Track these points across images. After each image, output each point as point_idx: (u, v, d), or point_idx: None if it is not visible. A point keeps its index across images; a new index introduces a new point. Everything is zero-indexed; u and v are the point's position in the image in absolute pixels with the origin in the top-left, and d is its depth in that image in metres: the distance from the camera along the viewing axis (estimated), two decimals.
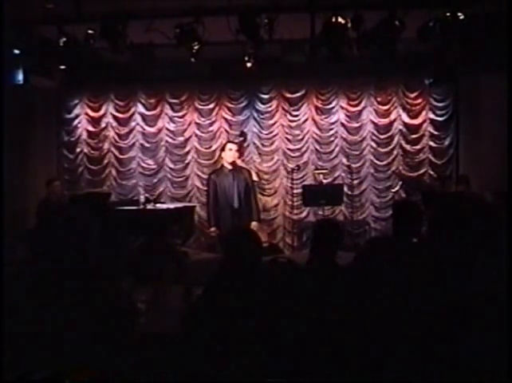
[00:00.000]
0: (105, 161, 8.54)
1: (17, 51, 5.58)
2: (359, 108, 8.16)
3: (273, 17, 4.90)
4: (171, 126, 8.42)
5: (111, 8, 5.14)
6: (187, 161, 8.42)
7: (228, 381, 2.42)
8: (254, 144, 8.30)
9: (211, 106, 8.34)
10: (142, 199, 6.51)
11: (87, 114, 8.57)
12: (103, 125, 8.54)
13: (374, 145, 8.14)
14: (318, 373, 2.44)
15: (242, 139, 7.52)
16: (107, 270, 2.51)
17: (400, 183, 7.56)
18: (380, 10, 4.95)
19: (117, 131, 8.52)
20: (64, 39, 5.32)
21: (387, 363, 2.28)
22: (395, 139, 8.11)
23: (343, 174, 8.12)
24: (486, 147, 7.05)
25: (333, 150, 8.19)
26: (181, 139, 8.40)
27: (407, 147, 8.09)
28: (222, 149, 6.62)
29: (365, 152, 8.15)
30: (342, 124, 8.18)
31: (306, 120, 8.23)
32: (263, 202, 8.07)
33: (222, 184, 6.08)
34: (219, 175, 6.16)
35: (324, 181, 7.67)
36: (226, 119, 8.34)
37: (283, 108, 8.27)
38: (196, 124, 8.39)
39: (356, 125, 8.17)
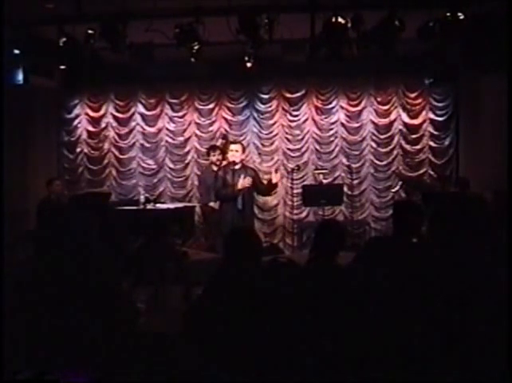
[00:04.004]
0: (105, 161, 8.55)
1: (17, 51, 5.58)
2: (359, 108, 8.17)
3: (273, 17, 4.90)
4: (171, 126, 8.43)
5: (111, 8, 5.14)
6: (187, 161, 8.42)
7: (228, 381, 2.42)
8: (254, 144, 8.30)
9: (211, 106, 8.35)
10: (142, 199, 6.52)
11: (87, 114, 8.58)
12: (103, 125, 8.55)
13: (374, 145, 8.14)
14: (318, 372, 2.44)
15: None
16: (107, 270, 2.51)
17: (400, 183, 7.55)
18: (380, 10, 4.96)
19: (117, 131, 8.53)
20: (64, 39, 5.32)
21: (387, 363, 2.28)
22: (395, 139, 8.12)
23: (343, 174, 8.12)
24: (486, 147, 7.05)
25: (333, 150, 8.20)
26: (181, 139, 8.41)
27: (407, 147, 8.10)
28: (223, 150, 6.60)
29: (365, 152, 8.15)
30: (342, 124, 8.19)
31: (306, 120, 8.24)
32: (262, 202, 8.08)
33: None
34: (226, 174, 6.05)
35: (324, 181, 7.68)
36: (226, 119, 8.35)
37: (283, 108, 8.27)
38: (196, 124, 8.39)
39: (356, 125, 8.17)
